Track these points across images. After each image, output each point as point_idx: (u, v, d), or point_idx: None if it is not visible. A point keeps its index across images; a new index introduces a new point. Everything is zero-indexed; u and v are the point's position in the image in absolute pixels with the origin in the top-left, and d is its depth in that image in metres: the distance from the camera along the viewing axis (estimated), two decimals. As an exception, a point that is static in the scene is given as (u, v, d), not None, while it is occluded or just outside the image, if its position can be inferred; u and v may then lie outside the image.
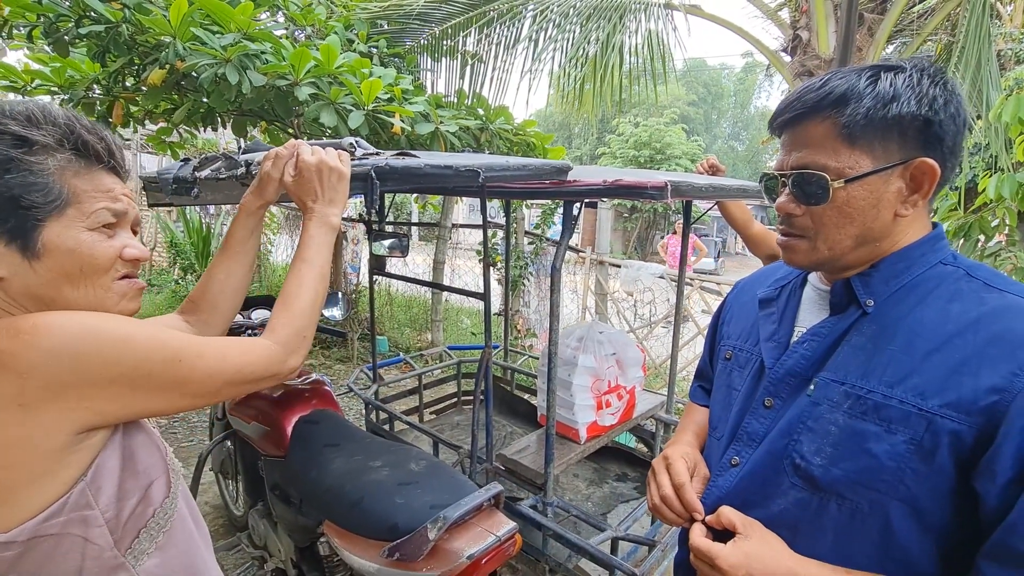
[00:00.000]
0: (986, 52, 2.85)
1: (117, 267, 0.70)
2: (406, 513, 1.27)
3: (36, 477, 0.58)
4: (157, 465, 0.71)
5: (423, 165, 1.03)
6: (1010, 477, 0.57)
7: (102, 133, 0.71)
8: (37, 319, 0.59)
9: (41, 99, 0.65)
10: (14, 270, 0.64)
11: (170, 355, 0.66)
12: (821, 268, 0.78)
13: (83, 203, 0.67)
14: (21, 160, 0.63)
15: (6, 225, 0.62)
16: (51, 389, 0.57)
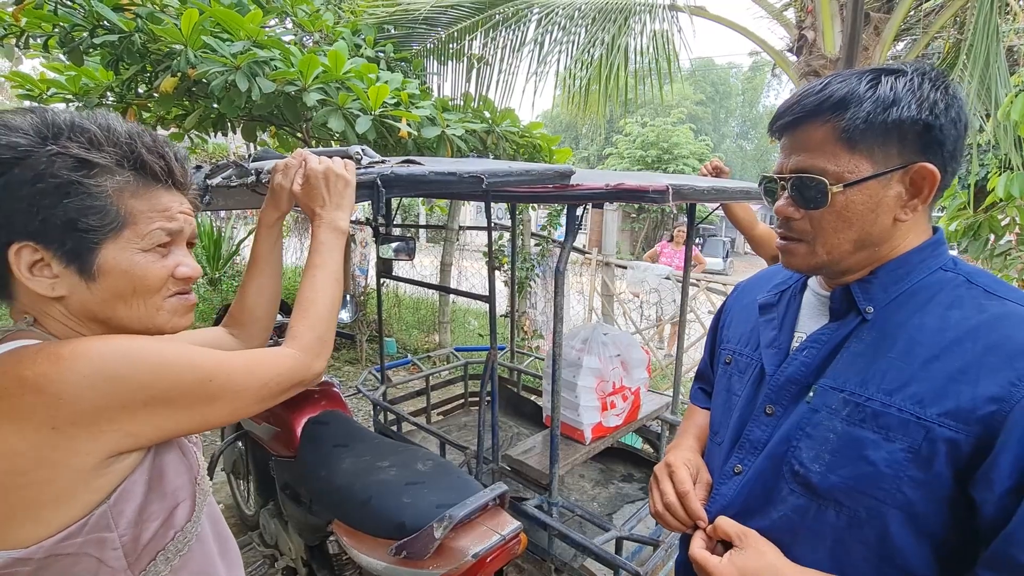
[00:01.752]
0: (995, 49, 2.82)
1: (169, 285, 0.70)
2: (413, 512, 1.30)
3: (60, 497, 0.59)
4: (185, 488, 0.71)
5: (427, 172, 1.05)
6: (1008, 487, 0.57)
7: (163, 150, 0.70)
8: (76, 345, 0.59)
9: (102, 112, 0.66)
10: (73, 290, 0.64)
11: (201, 375, 0.66)
12: (819, 272, 0.78)
13: (139, 224, 0.66)
14: (80, 183, 0.62)
15: (64, 247, 0.63)
16: (85, 414, 0.58)
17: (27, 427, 0.56)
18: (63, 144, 0.62)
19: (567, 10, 3.94)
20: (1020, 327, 0.62)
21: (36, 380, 0.56)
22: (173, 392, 0.63)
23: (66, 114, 0.65)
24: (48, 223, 0.61)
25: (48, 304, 0.66)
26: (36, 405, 0.56)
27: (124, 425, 0.61)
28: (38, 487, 0.57)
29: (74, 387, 0.57)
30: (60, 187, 0.61)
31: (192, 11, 2.22)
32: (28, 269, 0.62)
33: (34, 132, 0.61)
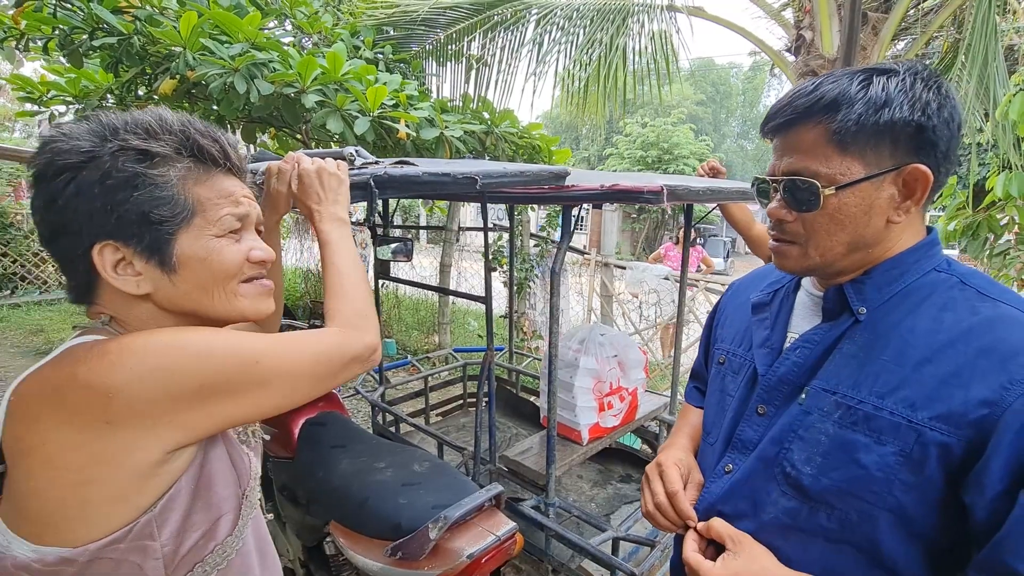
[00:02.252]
0: (993, 48, 2.82)
1: (244, 270, 0.71)
2: (409, 513, 1.30)
3: (113, 499, 0.59)
4: (229, 500, 0.70)
5: (421, 173, 1.06)
6: (999, 491, 0.57)
7: (216, 135, 0.70)
8: (123, 341, 0.59)
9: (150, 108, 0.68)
10: (157, 285, 0.65)
11: (247, 358, 0.64)
12: (812, 274, 0.78)
13: (208, 211, 0.67)
14: (146, 175, 0.62)
15: (143, 242, 0.63)
16: (138, 407, 0.57)
17: (82, 423, 0.56)
18: (122, 138, 0.62)
19: (565, 11, 3.94)
20: (1012, 330, 0.62)
21: (87, 376, 0.56)
22: (221, 378, 0.62)
23: (117, 113, 0.65)
24: (123, 219, 0.62)
25: (135, 303, 0.66)
26: (89, 401, 0.56)
27: (178, 416, 0.60)
28: (93, 486, 0.57)
29: (124, 382, 0.56)
30: (128, 181, 0.62)
31: (191, 13, 2.23)
32: (112, 268, 0.63)
33: (93, 134, 0.62)
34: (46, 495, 0.57)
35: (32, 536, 0.58)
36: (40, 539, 0.58)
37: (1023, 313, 0.64)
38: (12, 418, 0.58)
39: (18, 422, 0.57)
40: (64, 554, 0.57)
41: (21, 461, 0.57)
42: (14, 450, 0.57)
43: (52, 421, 0.56)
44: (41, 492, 0.57)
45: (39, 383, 0.58)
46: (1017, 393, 0.58)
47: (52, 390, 0.57)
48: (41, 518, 0.57)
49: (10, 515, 0.59)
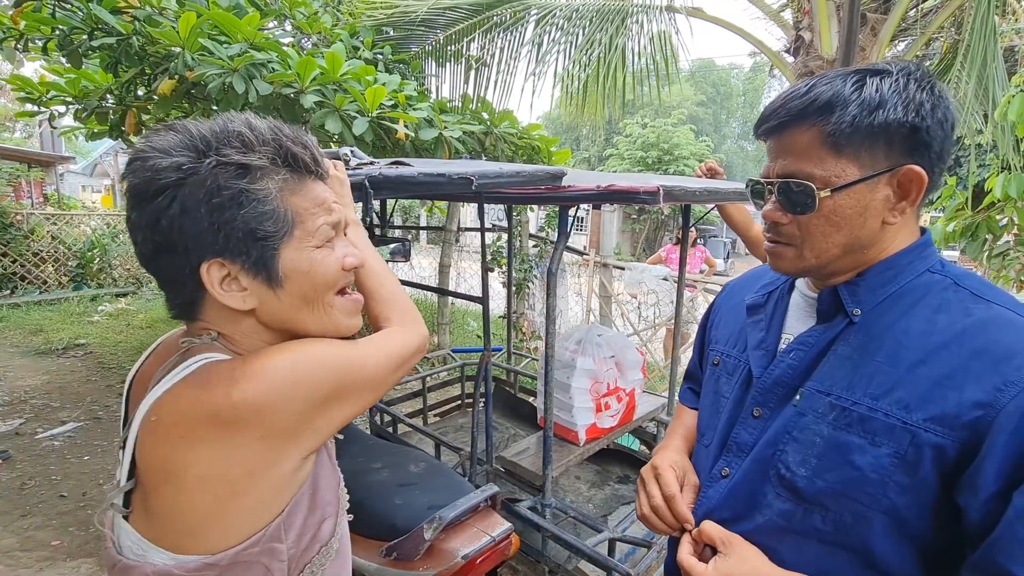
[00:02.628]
0: (992, 50, 2.82)
1: (340, 278, 0.70)
2: (404, 513, 1.30)
3: (256, 507, 0.62)
4: (332, 503, 0.73)
5: (416, 174, 1.06)
6: (992, 492, 0.57)
7: (305, 141, 0.68)
8: (264, 359, 0.61)
9: (231, 113, 0.66)
10: (263, 299, 0.65)
11: (357, 362, 0.68)
12: (807, 275, 0.77)
13: (306, 222, 0.66)
14: (249, 191, 0.61)
15: (251, 259, 0.62)
16: (287, 420, 0.61)
17: (238, 440, 0.58)
18: (220, 152, 0.61)
19: (565, 11, 3.95)
20: (1006, 331, 0.62)
21: (242, 397, 0.58)
22: (341, 384, 0.66)
23: (206, 124, 0.64)
24: (230, 237, 0.61)
25: (239, 319, 0.66)
26: (245, 419, 0.58)
27: (315, 423, 0.64)
28: (242, 497, 0.60)
29: (275, 399, 0.59)
30: (233, 198, 0.60)
31: (190, 14, 2.23)
32: (220, 285, 0.63)
33: (188, 148, 0.61)
34: (196, 508, 0.58)
35: (174, 547, 0.60)
36: (182, 549, 0.60)
37: (1016, 315, 0.64)
38: (156, 438, 0.58)
39: (166, 442, 0.58)
40: (207, 560, 0.60)
41: (171, 478, 0.58)
42: (159, 468, 0.58)
43: (208, 440, 0.57)
44: (191, 506, 0.58)
45: (190, 404, 0.58)
46: (1011, 395, 0.58)
47: (207, 412, 0.57)
48: (188, 530, 0.59)
49: (146, 527, 0.60)
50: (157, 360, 0.69)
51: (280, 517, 0.64)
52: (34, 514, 2.78)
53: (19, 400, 4.24)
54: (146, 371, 0.71)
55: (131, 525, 0.61)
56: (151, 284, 8.45)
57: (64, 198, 10.28)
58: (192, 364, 0.62)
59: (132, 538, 0.61)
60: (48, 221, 7.82)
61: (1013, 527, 0.55)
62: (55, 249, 7.75)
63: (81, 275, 7.95)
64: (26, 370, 4.91)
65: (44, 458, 3.36)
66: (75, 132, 3.59)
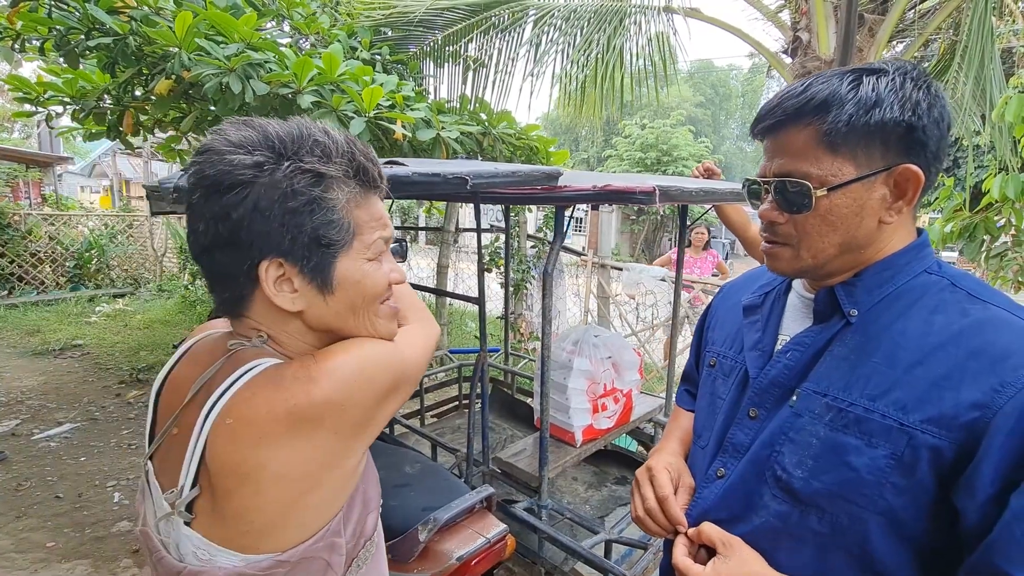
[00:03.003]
0: (989, 51, 2.82)
1: (385, 292, 0.72)
2: (399, 515, 1.29)
3: (324, 502, 0.64)
4: (375, 498, 0.76)
5: (411, 173, 1.05)
6: (990, 494, 0.56)
7: (374, 157, 0.70)
8: (332, 358, 0.64)
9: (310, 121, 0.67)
10: (311, 303, 0.66)
11: (401, 358, 0.72)
12: (804, 275, 0.77)
13: (364, 234, 0.67)
14: (322, 199, 0.63)
15: (310, 263, 0.64)
16: (357, 415, 0.64)
17: (317, 436, 0.61)
18: (300, 157, 0.62)
19: (563, 12, 3.95)
20: (1003, 332, 0.61)
21: (324, 395, 0.60)
22: (396, 379, 0.70)
23: (281, 125, 0.65)
24: (296, 240, 0.62)
25: (286, 320, 0.67)
26: (325, 416, 0.61)
27: (377, 416, 0.67)
28: (316, 491, 0.63)
29: (348, 394, 0.63)
30: (307, 204, 0.62)
31: (186, 14, 2.23)
32: (274, 284, 0.64)
33: (267, 148, 0.62)
34: (273, 506, 0.60)
35: (245, 548, 0.61)
36: (254, 548, 0.61)
37: (1013, 315, 0.63)
38: (234, 440, 0.59)
39: (246, 443, 0.59)
40: (279, 557, 0.62)
41: (249, 478, 0.59)
42: (236, 470, 0.59)
43: (288, 437, 0.59)
44: (268, 504, 0.60)
45: (268, 404, 0.59)
46: (1008, 396, 0.57)
47: (286, 410, 0.59)
48: (262, 528, 0.61)
49: (214, 530, 0.61)
50: (194, 365, 0.70)
51: (341, 512, 0.67)
52: (29, 515, 2.77)
53: (15, 401, 4.23)
54: (181, 376, 0.71)
55: (195, 530, 0.62)
56: (149, 285, 8.44)
57: (62, 199, 10.26)
58: (254, 367, 0.63)
59: (196, 543, 0.61)
60: (46, 221, 7.81)
61: (1010, 529, 0.55)
62: (53, 250, 7.74)
63: (79, 276, 7.94)
64: (23, 371, 4.90)
65: (40, 459, 3.35)
66: (73, 132, 3.58)
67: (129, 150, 3.58)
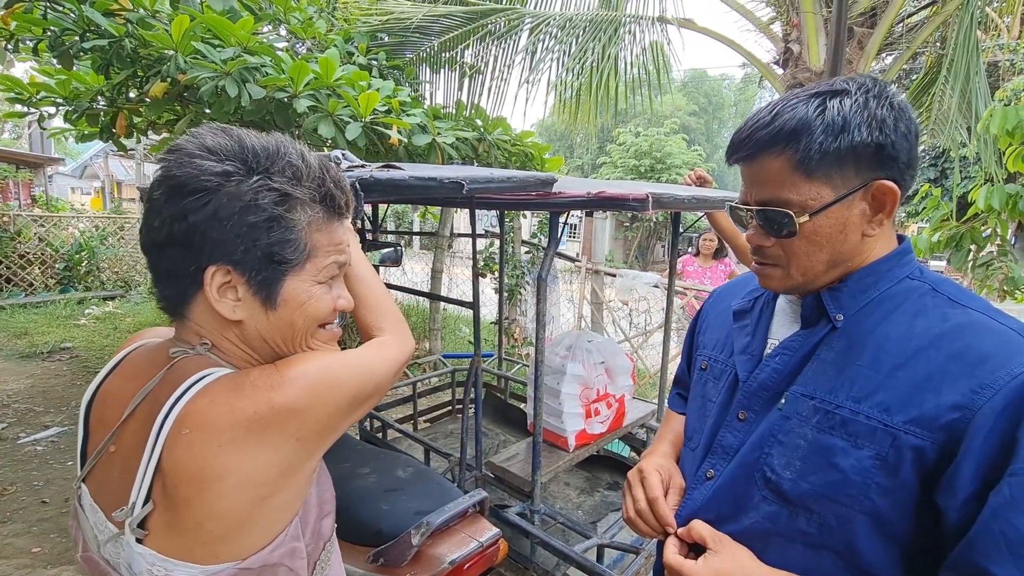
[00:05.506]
0: (975, 64, 2.89)
1: (328, 317, 0.72)
2: (391, 519, 1.29)
3: (284, 505, 0.64)
4: (330, 501, 0.76)
5: (407, 177, 1.06)
6: (970, 493, 0.58)
7: (343, 184, 0.71)
8: (298, 365, 0.65)
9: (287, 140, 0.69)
10: (252, 315, 0.66)
11: (367, 369, 0.72)
12: (796, 292, 0.79)
13: (319, 257, 0.68)
14: (283, 218, 0.63)
15: (258, 277, 0.64)
16: (320, 422, 0.64)
17: (279, 443, 0.61)
18: (270, 175, 0.63)
19: (558, 20, 3.99)
20: (982, 335, 0.63)
21: (286, 402, 0.61)
22: (359, 389, 0.70)
23: (259, 139, 0.65)
24: (249, 253, 0.63)
25: (226, 327, 0.67)
26: (286, 422, 0.61)
27: (337, 424, 0.68)
28: (276, 497, 0.63)
29: (312, 401, 0.63)
30: (267, 221, 0.62)
31: (183, 17, 2.23)
32: (217, 290, 0.64)
33: (239, 159, 0.62)
34: (235, 513, 0.60)
35: (205, 558, 0.60)
36: (215, 558, 0.60)
37: (991, 319, 0.65)
38: (193, 449, 0.58)
39: (206, 451, 0.58)
40: (240, 565, 0.61)
41: (211, 486, 0.58)
42: (197, 479, 0.58)
43: (248, 444, 0.59)
44: (230, 512, 0.60)
45: (229, 411, 0.59)
46: (986, 397, 0.59)
47: (248, 418, 0.59)
48: (222, 536, 0.60)
49: (170, 544, 0.60)
50: (130, 377, 0.69)
51: (297, 516, 0.67)
52: (14, 520, 2.72)
53: (2, 404, 4.16)
54: (115, 389, 0.69)
55: (148, 547, 0.60)
56: (139, 288, 8.36)
57: (53, 200, 10.17)
58: (207, 376, 0.63)
59: (151, 559, 0.60)
60: (35, 223, 7.72)
61: (989, 526, 0.57)
62: (42, 251, 7.65)
63: (68, 278, 7.85)
64: (9, 374, 4.83)
65: (26, 463, 3.30)
66: (65, 133, 3.56)
67: (122, 152, 3.56)
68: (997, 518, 0.56)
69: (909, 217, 10.60)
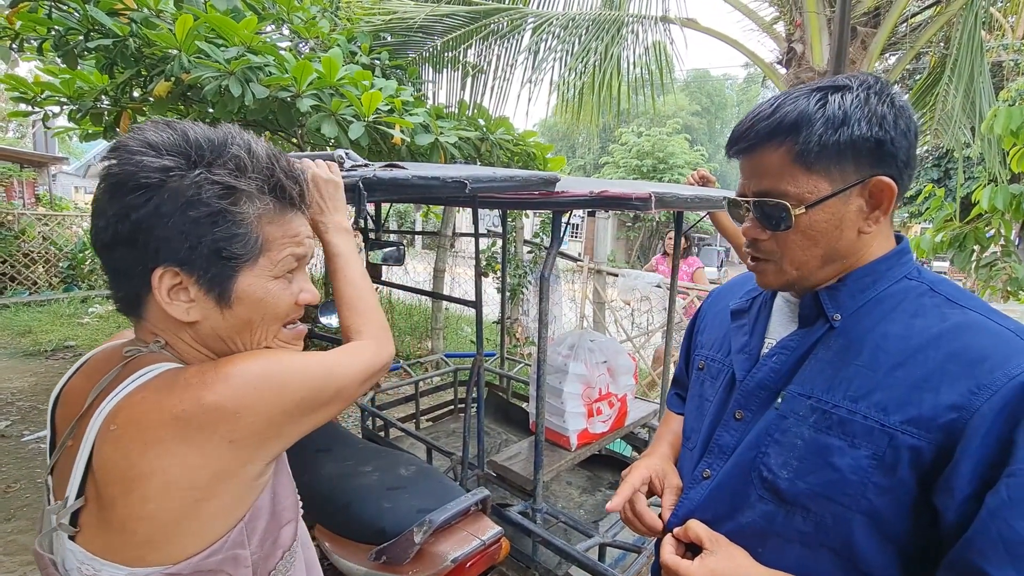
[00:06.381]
0: (979, 64, 2.88)
1: (290, 312, 0.70)
2: (393, 517, 1.29)
3: (220, 512, 0.61)
4: (291, 509, 0.73)
5: (410, 176, 1.07)
6: (967, 494, 0.58)
7: (298, 175, 0.69)
8: (239, 364, 0.62)
9: (237, 129, 0.67)
10: (207, 315, 0.64)
11: (326, 373, 0.69)
12: (791, 289, 0.79)
13: (273, 251, 0.66)
14: (228, 212, 0.61)
15: (207, 275, 0.62)
16: (258, 425, 0.61)
17: (208, 445, 0.58)
18: (213, 171, 0.61)
19: (561, 20, 3.99)
20: (979, 336, 0.63)
21: (216, 400, 0.58)
22: (312, 393, 0.66)
23: (205, 131, 0.63)
24: (196, 251, 0.61)
25: (179, 328, 0.66)
26: (216, 423, 0.58)
27: (282, 429, 0.64)
28: (209, 502, 0.59)
29: (247, 403, 0.60)
30: (210, 216, 0.60)
31: (187, 16, 2.24)
32: (167, 293, 0.62)
33: (180, 153, 0.61)
34: (161, 516, 0.57)
35: (131, 560, 0.58)
36: (140, 561, 0.58)
37: (989, 320, 0.65)
38: (119, 447, 0.57)
39: (132, 449, 0.56)
40: (169, 570, 0.58)
41: (136, 486, 0.56)
42: (123, 478, 0.56)
43: (174, 444, 0.56)
44: (156, 514, 0.57)
45: (156, 409, 0.57)
46: (984, 398, 0.59)
47: (175, 416, 0.57)
48: (149, 540, 0.58)
49: (99, 543, 0.58)
50: (89, 375, 0.68)
51: (243, 523, 0.63)
52: (18, 518, 2.74)
53: (5, 402, 4.18)
54: (76, 387, 0.68)
55: (79, 544, 0.59)
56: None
57: (56, 199, 10.20)
58: (149, 372, 0.61)
59: (80, 557, 0.58)
60: (39, 222, 7.75)
61: (986, 527, 0.57)
62: (46, 250, 7.68)
63: (72, 276, 7.88)
64: (13, 372, 4.85)
65: (29, 461, 3.32)
66: (69, 133, 3.57)
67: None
68: (994, 519, 0.56)
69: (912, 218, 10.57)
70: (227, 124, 0.66)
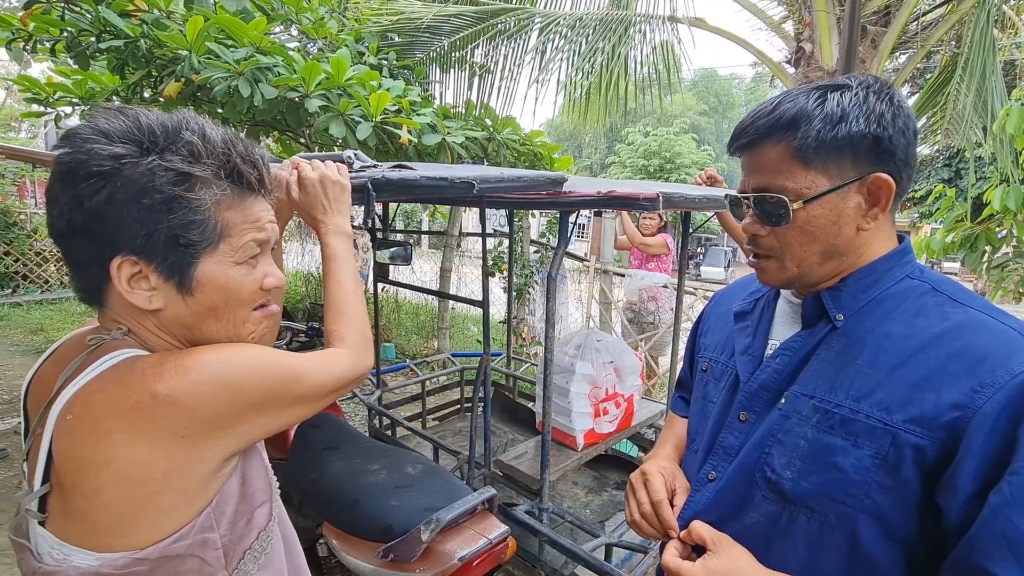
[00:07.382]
0: (991, 63, 2.84)
1: (256, 297, 0.70)
2: (400, 515, 1.30)
3: (180, 503, 0.61)
4: (264, 490, 0.73)
5: (419, 177, 1.07)
6: (970, 493, 0.58)
7: (255, 159, 0.68)
8: (196, 356, 0.61)
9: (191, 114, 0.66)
10: (168, 303, 0.64)
11: (292, 375, 0.69)
12: (792, 286, 0.79)
13: (233, 237, 0.66)
14: (182, 198, 0.61)
15: (166, 262, 0.62)
16: (212, 421, 0.60)
17: (160, 438, 0.57)
18: (166, 157, 0.60)
19: (568, 20, 3.98)
20: (981, 334, 0.63)
21: (169, 393, 0.57)
22: (272, 394, 0.66)
23: (158, 117, 0.62)
24: (152, 238, 0.61)
25: (142, 316, 0.66)
26: (169, 416, 0.57)
27: (239, 427, 0.64)
28: (164, 494, 0.59)
29: (202, 397, 0.59)
30: (165, 203, 0.60)
31: (197, 18, 2.26)
32: (127, 282, 0.62)
33: (131, 140, 0.60)
34: (116, 506, 0.57)
35: (98, 546, 0.58)
36: (108, 547, 0.58)
37: (991, 318, 0.65)
38: (74, 436, 0.57)
39: (86, 439, 0.56)
40: (136, 555, 0.59)
41: (90, 476, 0.56)
42: (79, 467, 0.57)
43: (125, 437, 0.56)
44: (111, 505, 0.57)
45: (110, 399, 0.57)
46: (986, 396, 0.59)
47: (128, 408, 0.56)
48: (111, 527, 0.58)
49: (67, 529, 0.59)
50: (57, 363, 0.67)
51: (210, 508, 0.64)
52: (31, 513, 2.77)
53: (18, 399, 4.24)
54: (46, 373, 0.69)
55: (48, 530, 0.60)
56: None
57: (68, 198, 10.30)
58: (109, 360, 0.61)
59: (50, 543, 0.59)
60: (51, 221, 7.84)
61: (989, 526, 0.57)
62: (58, 249, 7.77)
63: (83, 275, 7.96)
64: (26, 369, 4.90)
65: (42, 457, 3.36)
66: (81, 133, 3.61)
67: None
68: (998, 517, 0.56)
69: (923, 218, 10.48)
70: (184, 111, 0.66)
